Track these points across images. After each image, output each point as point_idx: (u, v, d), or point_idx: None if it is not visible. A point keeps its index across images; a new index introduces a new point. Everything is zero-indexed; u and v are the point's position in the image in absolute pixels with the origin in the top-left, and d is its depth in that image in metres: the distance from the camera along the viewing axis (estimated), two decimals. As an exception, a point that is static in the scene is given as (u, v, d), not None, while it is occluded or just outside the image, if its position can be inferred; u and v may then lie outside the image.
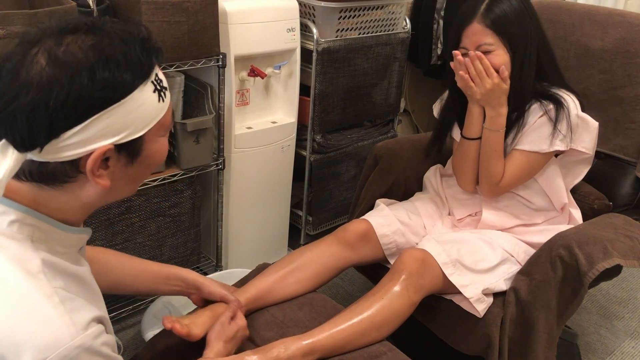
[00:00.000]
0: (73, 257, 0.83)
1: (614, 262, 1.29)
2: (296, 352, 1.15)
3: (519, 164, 1.48)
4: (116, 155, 0.77)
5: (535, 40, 1.44)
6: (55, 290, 0.74)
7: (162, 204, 1.78)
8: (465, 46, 1.42)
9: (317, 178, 2.22)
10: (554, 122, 1.43)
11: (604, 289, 2.28)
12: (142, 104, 0.76)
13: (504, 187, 1.51)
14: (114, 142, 0.75)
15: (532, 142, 1.46)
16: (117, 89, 0.74)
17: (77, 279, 0.81)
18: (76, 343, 0.72)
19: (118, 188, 0.82)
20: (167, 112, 0.82)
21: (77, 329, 0.73)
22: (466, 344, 1.42)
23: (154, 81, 0.79)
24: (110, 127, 0.74)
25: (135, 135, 0.77)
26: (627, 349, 1.98)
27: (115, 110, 0.74)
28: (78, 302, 0.76)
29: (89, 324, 0.75)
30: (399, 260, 1.35)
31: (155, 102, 0.79)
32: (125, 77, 0.74)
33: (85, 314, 0.76)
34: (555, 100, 1.45)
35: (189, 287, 1.24)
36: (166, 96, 0.82)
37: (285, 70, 2.00)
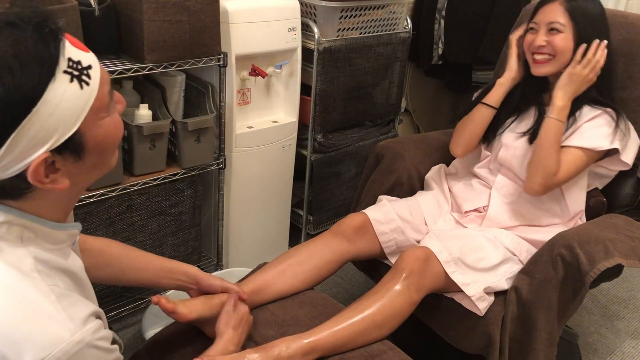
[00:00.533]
0: (64, 252, 0.82)
1: (615, 262, 1.29)
2: (297, 350, 1.15)
3: (574, 160, 1.48)
4: (60, 157, 0.72)
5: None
6: (51, 287, 0.74)
7: (162, 203, 1.78)
8: (538, 21, 1.52)
9: (318, 177, 2.22)
10: (615, 121, 1.47)
11: (604, 289, 2.28)
12: (60, 102, 0.68)
13: (558, 181, 1.48)
14: (48, 149, 0.69)
15: (591, 139, 1.47)
16: (22, 100, 0.65)
17: (70, 274, 0.81)
18: (76, 339, 0.72)
19: (82, 179, 0.78)
20: (100, 92, 0.73)
21: (75, 324, 0.73)
22: (467, 343, 1.42)
23: (67, 70, 0.69)
24: (36, 137, 0.68)
25: (67, 134, 0.70)
26: (627, 349, 1.98)
27: (32, 121, 0.67)
28: (74, 298, 0.76)
29: (87, 319, 0.75)
30: (400, 259, 1.35)
31: (77, 91, 0.70)
32: (26, 82, 0.65)
33: (82, 309, 0.75)
34: (607, 105, 1.51)
35: (190, 281, 1.24)
36: (91, 77, 0.72)
37: (286, 69, 2.00)
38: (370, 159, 1.79)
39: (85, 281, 0.86)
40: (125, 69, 1.51)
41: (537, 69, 1.54)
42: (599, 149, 1.47)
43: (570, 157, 1.48)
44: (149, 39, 1.50)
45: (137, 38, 1.51)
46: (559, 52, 1.49)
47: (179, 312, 1.16)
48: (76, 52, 0.72)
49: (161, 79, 1.75)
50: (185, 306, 1.18)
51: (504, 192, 1.61)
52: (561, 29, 1.48)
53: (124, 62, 1.54)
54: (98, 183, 1.55)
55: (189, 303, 1.20)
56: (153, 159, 1.66)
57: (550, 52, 1.50)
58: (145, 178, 1.66)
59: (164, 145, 1.67)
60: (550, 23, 1.49)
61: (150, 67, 1.54)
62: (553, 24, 1.49)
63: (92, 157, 0.76)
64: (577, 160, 1.48)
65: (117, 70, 1.49)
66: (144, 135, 1.59)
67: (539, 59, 1.52)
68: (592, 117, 1.50)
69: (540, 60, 1.52)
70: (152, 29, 1.50)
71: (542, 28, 1.51)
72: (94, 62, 0.74)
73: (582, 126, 1.49)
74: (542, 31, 1.51)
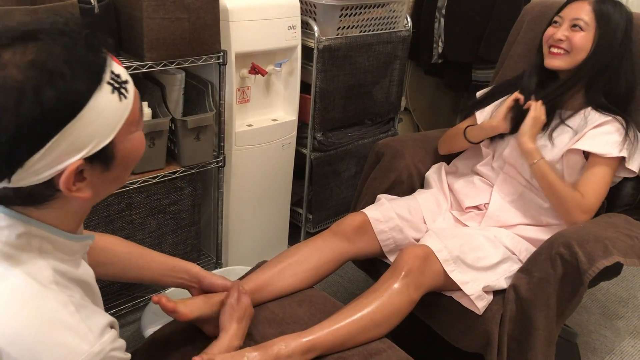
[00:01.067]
0: (77, 262, 0.83)
1: (614, 260, 1.29)
2: (296, 349, 1.15)
3: (598, 180, 1.48)
4: (89, 166, 0.73)
5: (622, 57, 1.53)
6: (70, 298, 0.74)
7: (162, 201, 1.78)
8: (563, 15, 1.54)
9: (318, 176, 2.22)
10: (625, 129, 1.49)
11: (604, 288, 2.28)
12: (102, 110, 0.70)
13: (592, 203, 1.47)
14: (83, 157, 0.71)
15: (601, 145, 1.48)
16: (70, 105, 0.67)
17: (82, 284, 0.81)
18: (95, 350, 0.73)
19: (102, 192, 0.80)
20: (134, 107, 0.76)
21: (94, 335, 0.73)
22: (465, 341, 1.42)
23: (109, 81, 0.72)
24: (75, 143, 0.69)
25: (103, 143, 0.72)
26: (627, 348, 1.98)
27: (74, 126, 0.68)
28: (91, 309, 0.77)
29: (105, 329, 0.76)
30: (399, 257, 1.35)
31: (116, 103, 0.73)
32: (76, 88, 0.68)
33: (99, 320, 0.76)
34: (615, 112, 1.52)
35: (192, 279, 1.24)
36: (128, 91, 0.75)
37: (286, 68, 2.00)
38: (371, 157, 1.80)
39: (95, 289, 0.87)
40: (125, 66, 1.49)
41: (550, 61, 1.56)
42: (607, 156, 1.47)
43: (594, 178, 1.49)
44: (148, 37, 1.50)
45: (137, 36, 1.51)
46: (576, 49, 1.51)
47: (180, 311, 1.16)
48: (116, 66, 0.75)
49: (161, 76, 1.75)
50: (186, 305, 1.18)
51: (506, 190, 1.61)
52: (584, 27, 1.50)
53: (124, 60, 1.54)
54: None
55: (189, 302, 1.20)
56: (152, 157, 1.66)
57: (567, 47, 1.52)
58: (145, 176, 1.66)
59: (164, 143, 1.67)
60: (575, 19, 1.51)
61: (149, 65, 1.54)
62: (577, 21, 1.51)
63: (116, 170, 0.77)
64: (600, 177, 1.49)
65: (116, 68, 1.49)
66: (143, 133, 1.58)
67: (554, 51, 1.54)
68: (602, 122, 1.51)
69: (556, 53, 1.54)
70: (152, 27, 1.50)
71: (566, 23, 1.53)
72: (129, 78, 0.77)
73: (592, 131, 1.50)
74: (565, 26, 1.53)
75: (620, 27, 1.52)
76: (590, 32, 1.50)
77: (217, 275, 1.26)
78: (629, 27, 1.54)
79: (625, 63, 1.55)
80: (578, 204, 1.46)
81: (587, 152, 1.50)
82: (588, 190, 1.48)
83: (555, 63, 1.55)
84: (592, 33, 1.50)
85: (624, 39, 1.53)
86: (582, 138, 1.50)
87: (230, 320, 1.15)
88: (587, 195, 1.47)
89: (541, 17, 1.83)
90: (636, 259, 1.35)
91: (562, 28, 1.53)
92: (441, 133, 1.94)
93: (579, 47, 1.51)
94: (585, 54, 1.51)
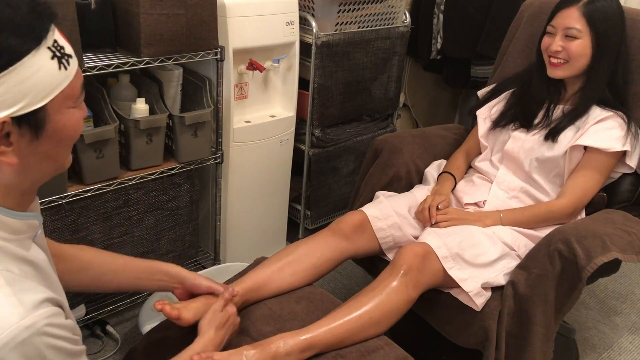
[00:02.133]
0: (24, 244, 0.80)
1: (612, 257, 1.29)
2: (294, 347, 1.15)
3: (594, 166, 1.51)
4: (17, 130, 0.72)
5: (619, 48, 1.53)
6: (1, 272, 0.72)
7: (160, 197, 1.78)
8: (555, 25, 1.53)
9: (316, 172, 2.21)
10: (627, 124, 1.50)
11: (602, 284, 2.28)
12: (37, 71, 0.71)
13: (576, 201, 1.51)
14: (11, 115, 0.70)
15: (604, 141, 1.49)
16: (4, 56, 0.68)
17: (31, 264, 0.79)
18: (26, 323, 0.69)
19: (33, 166, 0.77)
20: (74, 82, 0.76)
21: (25, 308, 0.69)
22: (464, 337, 1.42)
23: (51, 47, 0.73)
24: (3, 97, 0.69)
25: (34, 106, 0.72)
26: (625, 344, 1.98)
27: (5, 79, 0.69)
28: (28, 284, 0.73)
29: (41, 303, 0.71)
30: (398, 255, 1.34)
31: (54, 69, 0.73)
32: (11, 42, 0.69)
33: (36, 294, 0.72)
34: (617, 107, 1.53)
35: (173, 280, 1.22)
36: (70, 64, 0.76)
37: (284, 64, 1.99)
38: (369, 154, 1.79)
39: (49, 274, 0.83)
40: (122, 62, 1.50)
41: (552, 72, 1.57)
42: (610, 150, 1.48)
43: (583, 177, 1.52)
44: (145, 33, 1.49)
45: (134, 32, 1.51)
46: (574, 57, 1.51)
47: (184, 318, 1.16)
48: (62, 39, 0.76)
49: (158, 72, 1.74)
50: (189, 311, 1.17)
51: (505, 186, 1.61)
52: (578, 35, 1.50)
53: (121, 55, 1.53)
54: (94, 177, 1.55)
55: (192, 307, 1.19)
56: (150, 154, 1.65)
57: (565, 57, 1.52)
58: (142, 172, 1.65)
59: (161, 140, 1.66)
60: (567, 29, 1.50)
61: (147, 61, 1.53)
62: (569, 30, 1.50)
63: (47, 143, 0.76)
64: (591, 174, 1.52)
65: (113, 64, 1.48)
66: (140, 130, 1.58)
67: (554, 62, 1.55)
68: (603, 118, 1.52)
69: (556, 64, 1.54)
70: (149, 23, 1.49)
71: (559, 33, 1.52)
72: (74, 57, 0.78)
73: (594, 126, 1.51)
74: (559, 36, 1.52)
75: (615, 20, 1.52)
76: (586, 38, 1.50)
77: (201, 276, 1.24)
78: (622, 15, 1.54)
79: (622, 54, 1.55)
80: (561, 211, 1.51)
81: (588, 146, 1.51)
82: (578, 186, 1.51)
83: (558, 73, 1.55)
84: (587, 38, 1.50)
85: (621, 27, 1.53)
86: (584, 134, 1.51)
87: (209, 326, 1.13)
88: (574, 192, 1.51)
89: (540, 13, 1.82)
90: (634, 255, 1.35)
91: (557, 38, 1.52)
92: (440, 129, 1.94)
93: (577, 55, 1.51)
94: (586, 58, 1.51)
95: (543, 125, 1.59)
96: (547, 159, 1.55)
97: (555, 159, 1.54)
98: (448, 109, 3.09)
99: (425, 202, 1.54)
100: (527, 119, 1.62)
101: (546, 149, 1.55)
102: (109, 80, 1.70)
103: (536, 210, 1.53)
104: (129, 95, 1.66)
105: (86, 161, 1.52)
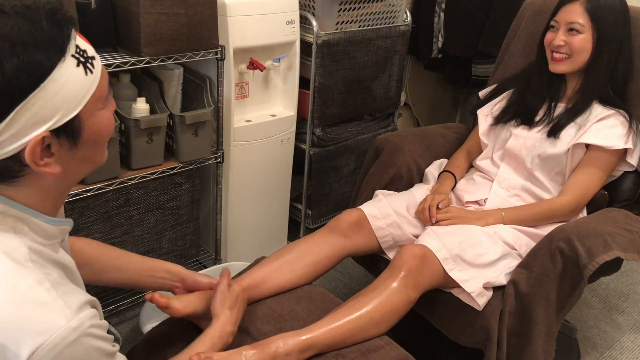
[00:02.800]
0: (55, 249, 0.82)
1: (614, 255, 1.29)
2: (294, 347, 1.15)
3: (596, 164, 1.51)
4: (56, 141, 0.74)
5: (621, 44, 1.53)
6: (46, 275, 0.74)
7: (160, 197, 1.78)
8: (559, 20, 1.54)
9: (317, 171, 2.21)
10: (629, 122, 1.51)
11: (604, 282, 2.28)
12: (66, 82, 0.71)
13: (578, 198, 1.52)
14: (48, 129, 0.72)
15: (607, 138, 1.49)
16: (32, 74, 0.69)
17: (62, 266, 0.81)
18: (73, 325, 0.72)
19: (74, 170, 0.79)
20: (101, 83, 0.78)
21: (71, 310, 0.72)
22: (465, 336, 1.42)
23: (74, 54, 0.73)
24: (39, 115, 0.70)
25: (69, 116, 0.73)
26: (626, 343, 1.97)
27: (37, 97, 0.69)
28: (69, 287, 0.76)
29: (83, 306, 0.75)
30: (398, 256, 1.34)
31: (82, 76, 0.74)
32: (38, 59, 0.69)
33: (78, 296, 0.75)
34: (619, 106, 1.54)
35: (175, 279, 1.23)
36: (94, 66, 0.76)
37: (285, 63, 1.99)
38: (370, 152, 1.79)
39: (77, 275, 0.86)
40: (122, 62, 1.50)
41: (554, 67, 1.57)
42: (613, 148, 1.49)
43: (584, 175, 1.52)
44: (145, 32, 1.49)
45: (134, 31, 1.51)
46: (577, 52, 1.52)
47: (173, 306, 1.16)
48: (82, 42, 0.76)
49: (159, 72, 1.74)
50: (180, 301, 1.18)
51: (506, 184, 1.61)
52: (580, 29, 1.50)
53: (121, 55, 1.53)
54: (95, 177, 1.55)
55: (184, 298, 1.20)
56: (150, 153, 1.65)
57: (568, 51, 1.53)
58: (143, 172, 1.65)
59: (162, 139, 1.66)
60: (570, 23, 1.51)
61: (147, 61, 1.53)
62: (572, 25, 1.51)
63: (85, 147, 0.78)
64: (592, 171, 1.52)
65: (114, 64, 1.48)
66: (141, 129, 1.58)
67: (557, 57, 1.55)
68: (605, 116, 1.52)
69: (558, 59, 1.55)
70: (149, 22, 1.49)
71: (562, 27, 1.53)
72: (97, 56, 0.78)
73: (596, 125, 1.51)
74: (562, 31, 1.53)
75: (617, 16, 1.52)
76: (588, 33, 1.51)
77: (201, 274, 1.25)
78: (626, 12, 1.55)
79: (624, 51, 1.55)
80: (563, 208, 1.51)
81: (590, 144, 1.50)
82: (579, 184, 1.51)
83: (560, 68, 1.56)
84: (589, 33, 1.51)
85: (624, 23, 1.54)
86: (586, 132, 1.51)
87: (222, 307, 1.14)
88: (576, 189, 1.51)
89: (541, 12, 1.82)
90: (636, 253, 1.34)
91: (560, 33, 1.53)
92: (441, 128, 1.94)
93: (579, 50, 1.51)
94: (587, 53, 1.52)
95: (544, 122, 1.59)
96: (549, 157, 1.55)
97: (557, 157, 1.54)
98: (449, 107, 3.09)
99: (425, 202, 1.54)
100: (528, 116, 1.62)
101: (548, 146, 1.55)
102: (110, 80, 1.70)
103: (538, 208, 1.53)
104: (130, 95, 1.66)
105: (87, 161, 1.52)
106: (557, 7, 1.56)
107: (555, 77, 1.60)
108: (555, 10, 1.57)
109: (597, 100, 1.55)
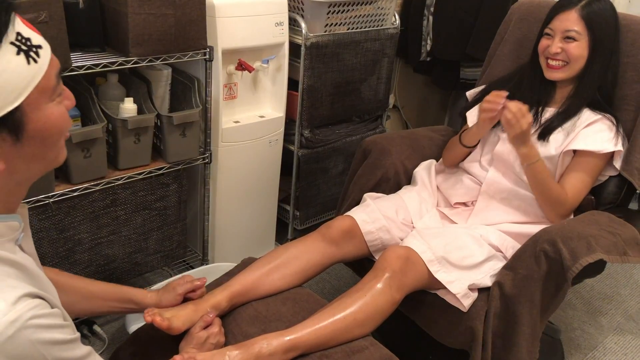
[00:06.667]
0: (7, 247, 0.77)
1: (597, 257, 1.31)
2: (278, 348, 1.15)
3: (584, 168, 1.52)
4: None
5: (612, 51, 1.55)
6: None
7: (147, 197, 1.77)
8: (554, 28, 1.54)
9: (305, 173, 2.22)
10: (616, 126, 1.53)
11: (588, 284, 2.30)
12: (2, 71, 0.67)
13: (571, 204, 1.53)
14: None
15: (596, 143, 1.51)
16: None
17: (15, 265, 0.76)
18: (10, 318, 0.67)
19: (21, 168, 0.75)
20: (48, 74, 0.72)
21: (7, 304, 0.68)
22: (450, 338, 1.43)
23: (14, 42, 0.68)
24: None
25: (9, 107, 0.68)
26: (610, 344, 2.00)
27: None
28: (8, 282, 0.72)
29: (20, 298, 0.70)
30: (382, 258, 1.35)
31: (22, 65, 0.69)
32: None
33: (16, 290, 0.70)
34: (606, 110, 1.55)
35: (140, 308, 1.22)
36: (40, 56, 0.71)
37: (274, 64, 1.99)
38: (358, 154, 1.80)
39: (37, 275, 0.81)
40: (110, 62, 1.49)
41: (550, 74, 1.57)
42: (603, 152, 1.50)
43: (579, 176, 1.53)
44: (134, 32, 1.49)
45: (122, 31, 1.50)
46: (573, 59, 1.53)
47: (174, 327, 1.17)
48: (27, 30, 0.71)
49: (147, 72, 1.74)
50: (179, 320, 1.19)
51: (494, 188, 1.62)
52: (577, 37, 1.51)
53: (109, 55, 1.53)
54: (82, 176, 1.54)
55: (181, 315, 1.20)
56: (138, 153, 1.65)
57: (565, 59, 1.54)
58: (130, 172, 1.65)
59: (149, 139, 1.66)
60: (567, 31, 1.52)
61: (135, 61, 1.53)
62: (569, 32, 1.51)
63: (32, 144, 0.73)
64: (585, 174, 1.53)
65: (101, 64, 1.48)
66: (128, 129, 1.58)
67: (552, 64, 1.55)
68: (593, 121, 1.53)
69: (554, 66, 1.55)
70: (137, 22, 1.49)
71: (558, 35, 1.53)
72: (45, 45, 0.73)
73: (584, 130, 1.52)
74: (558, 38, 1.53)
75: (610, 23, 1.54)
76: (584, 40, 1.51)
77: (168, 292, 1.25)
78: (617, 18, 1.56)
79: (615, 57, 1.57)
80: (563, 201, 1.51)
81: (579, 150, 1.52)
82: (571, 188, 1.52)
83: (557, 75, 1.56)
84: (585, 40, 1.51)
85: (615, 30, 1.56)
86: (575, 138, 1.52)
87: (186, 346, 1.16)
88: (570, 192, 1.52)
89: (528, 16, 1.84)
90: (618, 256, 1.36)
91: (556, 40, 1.53)
92: (429, 130, 1.95)
93: (576, 57, 1.52)
94: (583, 60, 1.53)
95: (533, 126, 1.59)
96: None
97: (546, 160, 1.54)
98: (438, 110, 3.11)
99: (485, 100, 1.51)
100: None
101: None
102: (97, 80, 1.70)
103: (554, 184, 1.52)
104: (117, 95, 1.66)
105: (73, 160, 1.51)
106: (551, 16, 1.56)
107: (548, 82, 1.61)
108: (549, 19, 1.57)
109: (587, 106, 1.56)
